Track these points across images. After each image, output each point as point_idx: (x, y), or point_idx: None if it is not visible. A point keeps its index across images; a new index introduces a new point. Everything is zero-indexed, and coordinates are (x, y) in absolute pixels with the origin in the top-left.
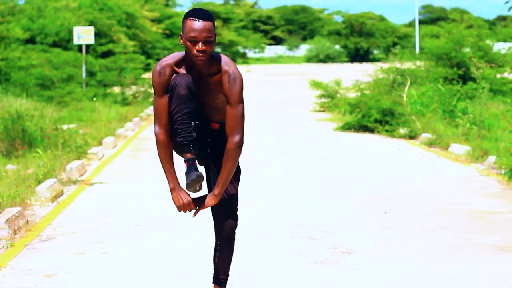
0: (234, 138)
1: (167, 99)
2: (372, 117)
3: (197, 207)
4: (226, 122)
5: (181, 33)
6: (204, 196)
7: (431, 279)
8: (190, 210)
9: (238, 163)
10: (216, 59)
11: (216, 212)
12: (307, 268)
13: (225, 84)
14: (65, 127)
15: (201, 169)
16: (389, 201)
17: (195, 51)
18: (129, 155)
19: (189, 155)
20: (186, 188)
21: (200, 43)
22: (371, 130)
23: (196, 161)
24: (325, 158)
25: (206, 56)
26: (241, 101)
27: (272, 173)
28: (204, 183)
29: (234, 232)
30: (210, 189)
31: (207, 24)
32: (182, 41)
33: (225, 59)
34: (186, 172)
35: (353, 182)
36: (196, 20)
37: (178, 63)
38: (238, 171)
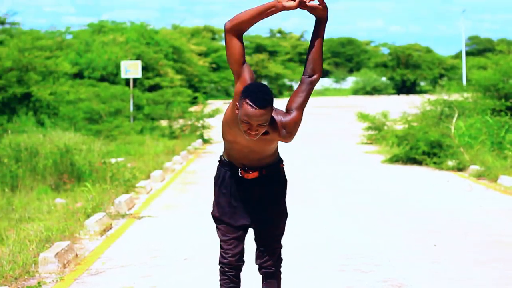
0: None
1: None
2: (420, 149)
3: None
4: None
5: (237, 104)
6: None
7: None
8: None
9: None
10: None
11: (260, 246)
12: None
13: (281, 130)
14: (113, 160)
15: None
16: (439, 233)
17: (247, 130)
18: (177, 188)
19: None
20: None
21: (253, 127)
22: (419, 163)
23: None
24: (373, 190)
25: (258, 135)
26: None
27: (319, 205)
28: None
29: (277, 268)
30: (260, 246)
31: (263, 112)
32: (236, 111)
33: (277, 118)
34: None
35: (401, 214)
36: (253, 108)
37: None
38: (284, 215)
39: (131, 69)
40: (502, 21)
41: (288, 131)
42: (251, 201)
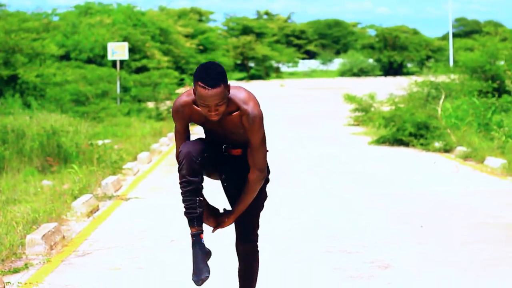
0: (256, 171)
1: (187, 126)
2: (407, 131)
3: (215, 226)
4: (249, 157)
5: (193, 88)
6: (222, 214)
7: None
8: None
9: (266, 191)
10: (234, 98)
11: (236, 232)
12: (344, 282)
13: (245, 124)
14: (100, 142)
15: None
16: (425, 215)
17: (208, 112)
18: (164, 170)
19: (193, 230)
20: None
21: (212, 108)
22: (406, 144)
23: (202, 236)
24: (360, 171)
25: (219, 115)
26: (262, 142)
27: (306, 187)
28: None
29: (254, 253)
30: (232, 205)
31: (217, 91)
32: (194, 96)
33: (243, 98)
34: (192, 246)
35: (388, 195)
36: (206, 89)
37: (196, 101)
38: (263, 197)
39: (118, 51)
40: (489, 3)
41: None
42: (229, 165)
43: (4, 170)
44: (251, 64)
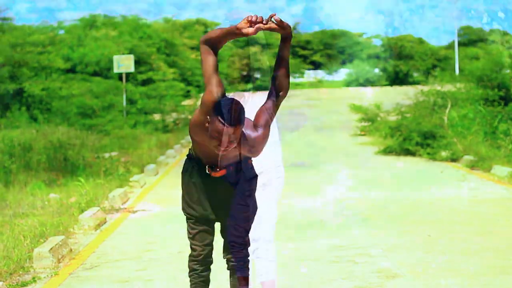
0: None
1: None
2: (414, 140)
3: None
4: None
5: (208, 118)
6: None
7: None
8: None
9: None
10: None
11: (225, 239)
12: None
13: (248, 147)
14: (106, 155)
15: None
16: (433, 223)
17: (217, 145)
18: (171, 182)
19: None
20: None
21: (223, 144)
22: (413, 153)
23: None
24: (367, 181)
25: (227, 151)
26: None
27: (312, 196)
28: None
29: (244, 263)
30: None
31: (236, 129)
32: (207, 124)
33: (246, 133)
34: None
35: (396, 205)
36: (225, 126)
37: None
38: (247, 209)
39: (123, 63)
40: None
41: (255, 149)
42: (217, 195)
43: (11, 184)
44: (257, 75)
